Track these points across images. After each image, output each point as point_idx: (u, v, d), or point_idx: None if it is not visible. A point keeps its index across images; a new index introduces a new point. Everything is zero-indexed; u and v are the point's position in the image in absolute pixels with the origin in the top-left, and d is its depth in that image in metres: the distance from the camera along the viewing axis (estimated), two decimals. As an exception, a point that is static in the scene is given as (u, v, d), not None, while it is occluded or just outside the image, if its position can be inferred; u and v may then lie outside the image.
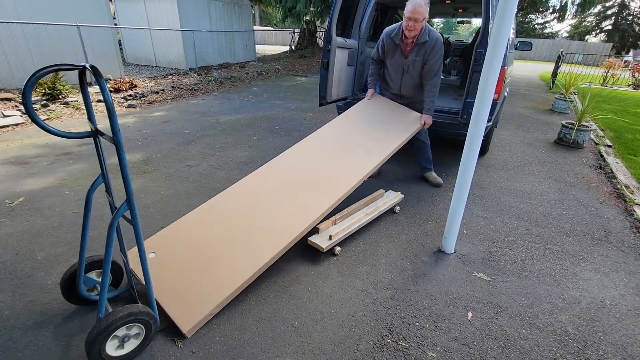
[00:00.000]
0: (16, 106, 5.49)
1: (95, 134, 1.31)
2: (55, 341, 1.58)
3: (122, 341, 1.41)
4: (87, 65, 1.10)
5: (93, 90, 6.83)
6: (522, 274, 2.20)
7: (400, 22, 2.85)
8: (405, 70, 2.99)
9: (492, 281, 2.12)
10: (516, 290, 2.05)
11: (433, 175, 3.41)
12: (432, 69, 2.87)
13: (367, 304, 1.90)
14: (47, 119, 5.22)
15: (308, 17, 14.51)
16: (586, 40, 30.81)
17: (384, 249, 2.40)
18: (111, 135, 1.16)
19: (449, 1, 4.44)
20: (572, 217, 2.93)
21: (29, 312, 1.74)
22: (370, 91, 3.27)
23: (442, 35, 2.92)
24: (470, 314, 1.85)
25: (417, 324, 1.79)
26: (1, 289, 1.89)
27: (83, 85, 1.25)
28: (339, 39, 3.66)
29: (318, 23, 16.34)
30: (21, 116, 5.01)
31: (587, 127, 4.85)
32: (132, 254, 1.91)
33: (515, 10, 1.79)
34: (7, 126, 4.71)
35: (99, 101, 6.23)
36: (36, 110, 5.44)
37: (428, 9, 2.68)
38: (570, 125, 4.85)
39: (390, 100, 3.25)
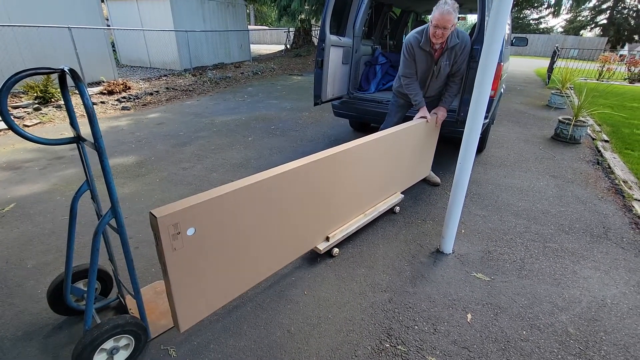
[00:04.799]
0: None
1: (77, 139, 1.26)
2: (44, 353, 1.54)
3: (111, 354, 1.36)
4: (66, 69, 1.05)
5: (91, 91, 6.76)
6: (522, 274, 2.16)
7: (424, 27, 2.70)
8: (434, 73, 2.90)
9: (491, 281, 2.09)
10: (516, 290, 2.02)
11: (431, 174, 3.38)
12: (460, 69, 2.86)
13: (365, 308, 1.86)
14: (40, 122, 5.15)
15: (303, 16, 14.45)
16: (581, 35, 30.87)
17: (381, 250, 2.36)
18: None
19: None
20: (570, 214, 2.90)
21: (19, 323, 1.70)
22: (423, 110, 2.88)
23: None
24: (469, 316, 1.82)
25: (416, 327, 1.75)
26: (-10, 299, 1.85)
27: (64, 89, 1.20)
28: (333, 38, 3.61)
29: (313, 22, 16.29)
30: (13, 120, 4.94)
31: (584, 122, 4.83)
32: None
33: (511, 6, 1.75)
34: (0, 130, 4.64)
35: (93, 104, 6.16)
36: (28, 114, 5.37)
37: (457, 14, 2.57)
38: (567, 121, 4.83)
39: (434, 129, 3.05)
